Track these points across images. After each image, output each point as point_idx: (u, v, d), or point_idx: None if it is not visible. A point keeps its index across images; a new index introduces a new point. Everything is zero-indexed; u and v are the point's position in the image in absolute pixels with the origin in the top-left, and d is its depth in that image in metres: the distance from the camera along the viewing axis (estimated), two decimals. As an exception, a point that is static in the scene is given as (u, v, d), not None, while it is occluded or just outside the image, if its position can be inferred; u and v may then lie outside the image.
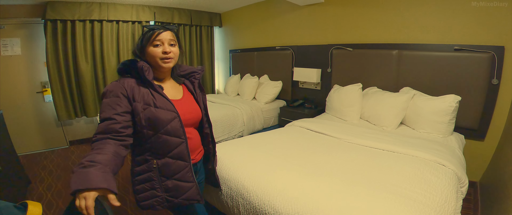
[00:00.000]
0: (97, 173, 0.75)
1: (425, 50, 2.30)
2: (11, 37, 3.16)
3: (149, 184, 1.03)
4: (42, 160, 3.18)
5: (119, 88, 0.95)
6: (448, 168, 1.45)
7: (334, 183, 1.26)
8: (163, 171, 1.02)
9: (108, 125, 0.90)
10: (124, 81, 0.98)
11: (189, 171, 1.06)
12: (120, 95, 0.94)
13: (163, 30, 1.02)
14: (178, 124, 1.00)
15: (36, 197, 2.34)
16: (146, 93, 0.98)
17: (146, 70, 0.97)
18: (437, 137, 2.00)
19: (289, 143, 1.87)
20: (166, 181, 1.03)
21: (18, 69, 3.27)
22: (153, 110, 0.96)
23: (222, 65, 4.91)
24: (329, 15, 3.03)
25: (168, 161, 1.02)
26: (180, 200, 1.06)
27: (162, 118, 0.97)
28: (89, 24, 3.39)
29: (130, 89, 0.96)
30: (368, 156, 1.62)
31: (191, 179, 1.07)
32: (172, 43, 1.04)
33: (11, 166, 2.19)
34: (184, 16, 4.21)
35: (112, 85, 0.96)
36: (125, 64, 1.03)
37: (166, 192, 1.04)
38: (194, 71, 1.20)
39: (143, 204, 1.04)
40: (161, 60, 1.02)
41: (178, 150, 1.02)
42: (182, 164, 1.04)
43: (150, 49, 1.01)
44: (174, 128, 0.99)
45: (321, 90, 3.22)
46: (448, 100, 1.98)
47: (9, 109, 3.13)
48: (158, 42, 1.00)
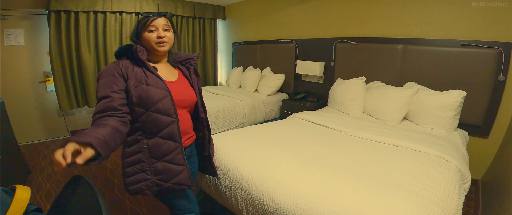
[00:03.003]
0: (91, 133, 0.77)
1: (431, 45, 2.26)
2: (15, 28, 3.17)
3: (139, 166, 1.02)
4: (43, 150, 3.20)
5: (114, 68, 0.98)
6: (451, 164, 1.43)
7: (335, 175, 1.24)
8: (153, 152, 1.02)
9: (105, 103, 0.92)
10: (120, 62, 1.01)
11: (180, 153, 1.05)
12: (115, 74, 0.97)
13: (157, 16, 1.05)
14: (170, 102, 1.01)
15: (35, 186, 2.35)
16: (139, 72, 1.00)
17: (139, 51, 1.00)
18: (441, 132, 1.98)
19: (290, 135, 1.86)
20: (156, 162, 1.03)
21: (21, 59, 3.28)
22: (144, 87, 0.98)
23: (225, 58, 4.89)
24: (334, 8, 2.98)
25: (159, 141, 1.02)
26: (170, 184, 1.05)
27: (153, 95, 0.98)
28: (93, 15, 3.39)
29: (125, 68, 0.99)
30: (370, 149, 1.60)
31: (182, 162, 1.06)
32: (166, 29, 1.07)
33: (11, 154, 2.20)
34: (188, 9, 4.19)
35: (108, 66, 1.00)
36: (121, 48, 1.06)
37: (156, 175, 1.03)
38: (190, 58, 1.23)
39: (131, 188, 1.03)
40: (156, 44, 1.05)
41: (168, 130, 1.02)
42: (172, 145, 1.04)
43: (145, 35, 1.05)
44: (165, 106, 1.00)
45: (324, 84, 3.20)
46: (453, 96, 1.96)
47: (11, 98, 3.14)
48: (152, 28, 1.04)
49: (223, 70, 4.98)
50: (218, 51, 4.91)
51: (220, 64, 5.00)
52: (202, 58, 4.68)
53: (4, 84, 3.19)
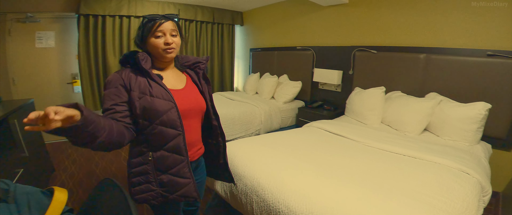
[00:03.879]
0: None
1: (455, 54, 2.19)
2: (46, 30, 3.36)
3: (144, 177, 0.99)
4: (67, 149, 3.34)
5: (117, 79, 0.94)
6: (472, 177, 1.40)
7: (350, 185, 1.24)
8: (158, 165, 0.98)
9: (108, 115, 0.91)
10: (123, 72, 0.96)
11: (186, 167, 1.00)
12: (118, 86, 0.93)
13: (165, 20, 0.98)
14: (175, 114, 0.96)
15: (58, 184, 2.42)
16: (142, 82, 0.95)
17: (142, 59, 0.95)
18: (463, 145, 1.91)
19: (306, 143, 1.86)
20: (161, 175, 0.99)
21: (51, 61, 3.48)
22: (148, 98, 0.93)
23: (242, 64, 4.95)
24: (353, 16, 2.96)
25: (164, 154, 0.98)
26: (175, 196, 1.01)
27: (158, 107, 0.93)
28: (119, 19, 3.55)
29: (128, 79, 0.95)
30: (388, 160, 1.58)
31: (188, 175, 1.01)
32: (173, 34, 1.00)
33: (37, 153, 2.29)
34: (207, 14, 4.29)
35: (111, 76, 0.95)
36: (125, 56, 1.01)
37: (161, 186, 0.99)
38: (199, 62, 1.16)
39: (137, 198, 1.00)
40: (163, 51, 0.99)
41: (174, 143, 0.97)
42: (178, 158, 0.99)
43: (151, 40, 0.98)
44: (170, 118, 0.95)
45: (342, 93, 3.16)
46: (477, 108, 1.89)
47: (40, 98, 3.31)
48: (159, 33, 0.97)
49: (240, 76, 5.04)
50: (235, 57, 4.98)
51: (237, 70, 5.07)
52: (220, 64, 4.75)
53: (34, 85, 3.39)
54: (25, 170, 1.84)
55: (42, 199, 0.60)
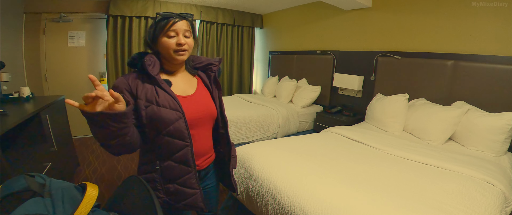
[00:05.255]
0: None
1: (485, 62, 2.08)
2: (78, 30, 3.56)
3: (152, 184, 0.96)
4: (92, 144, 3.51)
5: (123, 84, 0.89)
6: (496, 187, 1.35)
7: (368, 192, 1.21)
8: (165, 174, 0.95)
9: None
10: (130, 77, 0.92)
11: (193, 177, 0.97)
12: (124, 91, 0.88)
13: (179, 19, 0.92)
14: (183, 125, 0.91)
15: (82, 179, 2.54)
16: (149, 89, 0.90)
17: (149, 65, 0.90)
18: (489, 155, 1.83)
19: (324, 149, 1.83)
20: (168, 184, 0.96)
21: (81, 60, 3.68)
22: (155, 108, 0.89)
23: (261, 66, 4.97)
24: (376, 20, 2.89)
25: (171, 164, 0.95)
26: (181, 205, 0.98)
27: (165, 117, 0.89)
28: (144, 20, 3.70)
29: (134, 85, 0.90)
30: (409, 169, 1.53)
31: (195, 186, 0.98)
32: (187, 35, 0.94)
33: (65, 147, 2.41)
34: (228, 16, 4.35)
35: (118, 81, 0.90)
36: (133, 58, 0.96)
37: (167, 195, 0.97)
38: (211, 63, 1.09)
39: None
40: (175, 52, 0.93)
41: (181, 154, 0.94)
42: (185, 169, 0.96)
43: (163, 40, 0.92)
44: (177, 129, 0.91)
45: (362, 99, 3.09)
46: (505, 118, 1.81)
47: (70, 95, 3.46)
48: (172, 33, 0.91)
49: (259, 78, 5.06)
50: (254, 60, 5.02)
51: (256, 73, 5.09)
52: (239, 66, 4.80)
53: (65, 82, 3.60)
54: (53, 163, 1.95)
55: (75, 194, 0.63)
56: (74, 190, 0.64)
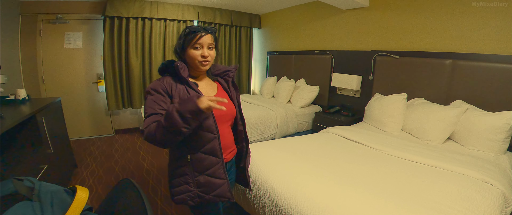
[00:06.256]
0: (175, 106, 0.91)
1: (484, 61, 2.07)
2: (74, 31, 3.54)
3: (183, 178, 1.08)
4: (90, 146, 3.49)
5: (160, 86, 1.04)
6: (495, 188, 1.34)
7: (366, 194, 1.21)
8: (196, 166, 1.07)
9: (154, 119, 0.97)
10: (164, 80, 1.06)
11: (221, 168, 1.09)
12: (161, 92, 1.03)
13: (205, 33, 1.06)
14: (211, 119, 1.05)
15: (79, 181, 2.52)
16: (182, 89, 1.05)
17: (181, 68, 1.05)
18: (489, 155, 1.82)
19: (322, 150, 1.83)
20: (198, 176, 1.08)
21: (78, 61, 3.66)
22: None
23: (259, 67, 4.96)
24: (374, 20, 2.89)
25: (201, 156, 1.06)
26: (211, 196, 1.09)
27: None
28: (141, 21, 3.68)
29: (169, 86, 1.04)
30: (408, 169, 1.53)
31: (223, 176, 1.10)
32: (210, 47, 1.09)
33: (62, 149, 2.39)
34: (225, 17, 4.34)
35: (154, 84, 1.05)
36: (164, 64, 1.12)
37: (198, 187, 1.08)
38: (228, 70, 1.26)
39: (176, 198, 1.10)
40: (199, 62, 1.08)
41: (210, 145, 1.06)
42: (214, 160, 1.08)
43: (190, 51, 1.07)
44: (207, 123, 1.04)
45: (360, 98, 3.08)
46: (505, 117, 1.79)
47: (67, 97, 3.49)
48: (198, 45, 1.06)
49: (257, 79, 5.05)
50: (252, 60, 5.00)
51: (254, 73, 5.08)
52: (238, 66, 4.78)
53: (62, 84, 3.58)
54: (49, 166, 1.93)
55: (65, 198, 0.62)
56: (63, 193, 0.63)
